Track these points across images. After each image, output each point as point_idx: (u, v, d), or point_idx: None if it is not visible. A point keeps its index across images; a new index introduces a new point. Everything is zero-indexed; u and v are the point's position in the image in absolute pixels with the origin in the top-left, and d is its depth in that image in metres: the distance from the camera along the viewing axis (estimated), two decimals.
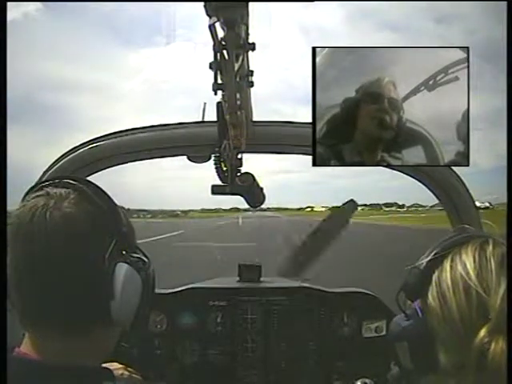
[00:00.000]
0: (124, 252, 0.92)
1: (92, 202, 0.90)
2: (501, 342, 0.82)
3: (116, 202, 0.97)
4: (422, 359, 0.97)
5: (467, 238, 0.97)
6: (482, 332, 0.83)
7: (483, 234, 0.99)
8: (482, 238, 0.96)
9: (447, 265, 0.94)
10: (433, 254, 0.97)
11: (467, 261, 0.91)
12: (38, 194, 0.89)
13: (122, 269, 0.90)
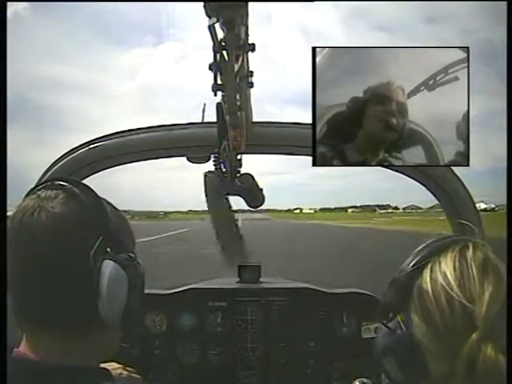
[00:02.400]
0: (109, 249, 0.91)
1: (79, 200, 0.91)
2: (489, 348, 0.80)
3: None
4: (410, 371, 0.94)
5: (445, 244, 0.94)
6: (470, 341, 0.81)
7: (461, 238, 0.96)
8: (461, 243, 0.93)
9: (427, 276, 0.90)
10: (412, 264, 0.94)
11: (447, 270, 0.88)
12: (30, 197, 0.91)
13: (108, 266, 0.89)
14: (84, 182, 0.99)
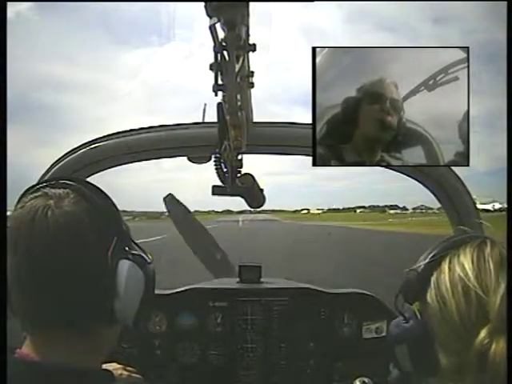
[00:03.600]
0: (126, 249, 0.93)
1: (91, 201, 0.90)
2: (501, 342, 0.82)
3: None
4: (421, 361, 0.97)
5: (465, 239, 0.97)
6: (482, 333, 0.83)
7: (481, 235, 0.99)
8: (480, 239, 0.96)
9: (445, 267, 0.94)
10: (431, 256, 0.97)
11: (465, 262, 0.91)
12: (35, 195, 0.89)
13: (125, 265, 0.90)
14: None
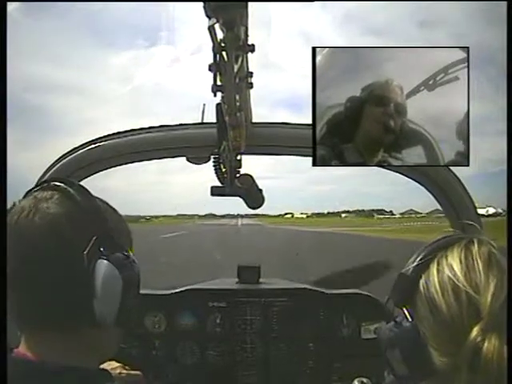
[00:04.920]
0: (103, 249, 0.91)
1: (73, 201, 0.91)
2: (494, 339, 0.82)
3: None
4: (415, 364, 0.96)
5: (452, 240, 0.97)
6: (475, 331, 0.83)
7: (467, 235, 0.99)
8: (467, 239, 0.96)
9: (434, 269, 0.93)
10: (418, 259, 0.97)
11: (454, 262, 0.91)
12: (26, 198, 0.93)
13: (102, 265, 0.90)
14: (81, 183, 0.99)
